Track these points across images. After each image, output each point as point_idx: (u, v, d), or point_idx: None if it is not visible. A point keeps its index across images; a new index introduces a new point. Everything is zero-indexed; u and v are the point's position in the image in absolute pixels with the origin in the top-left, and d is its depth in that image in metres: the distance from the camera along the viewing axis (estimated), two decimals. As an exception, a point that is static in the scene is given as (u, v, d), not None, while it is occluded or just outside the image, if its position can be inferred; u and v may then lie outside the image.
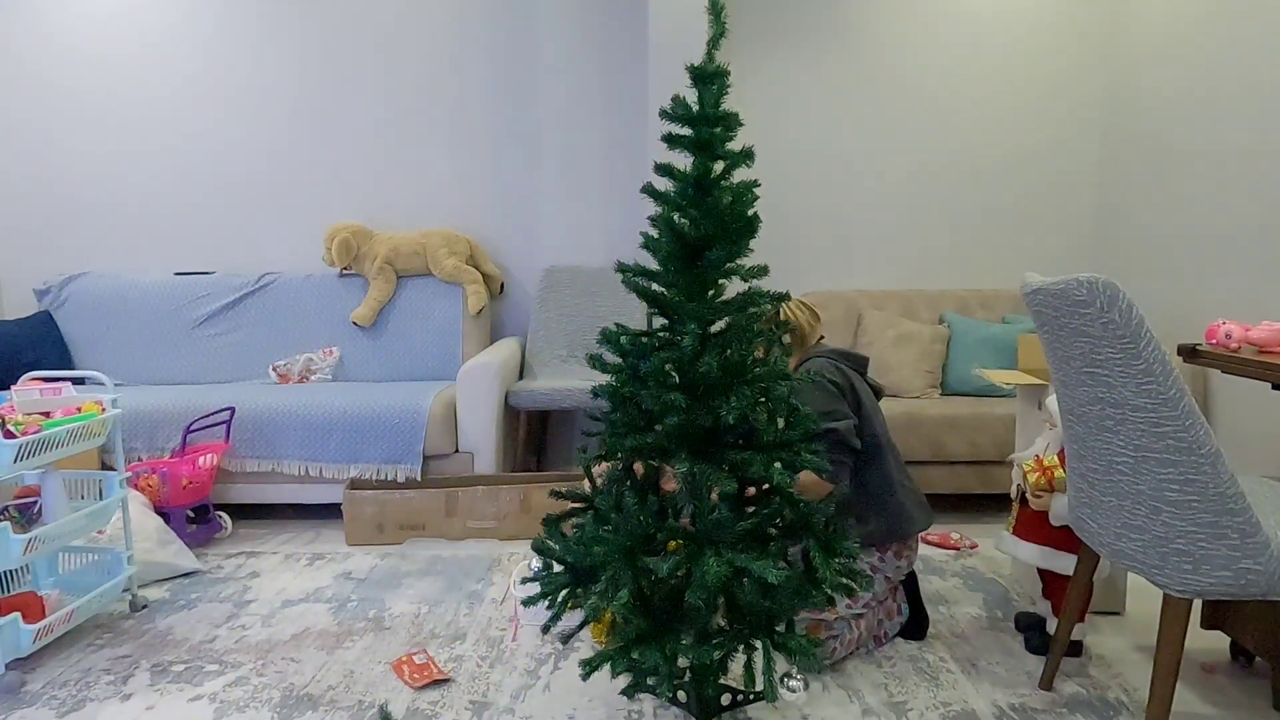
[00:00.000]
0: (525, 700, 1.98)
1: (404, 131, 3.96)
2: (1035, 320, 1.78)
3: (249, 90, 3.94)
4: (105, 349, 3.72)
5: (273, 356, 3.70)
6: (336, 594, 2.62)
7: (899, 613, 2.27)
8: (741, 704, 1.88)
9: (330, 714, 1.93)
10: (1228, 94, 3.05)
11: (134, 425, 3.13)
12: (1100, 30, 3.79)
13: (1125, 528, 1.64)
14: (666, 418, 1.64)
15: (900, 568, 2.22)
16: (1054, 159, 3.88)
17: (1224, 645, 2.18)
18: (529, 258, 4.01)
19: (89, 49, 3.92)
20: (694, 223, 1.68)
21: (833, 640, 2.10)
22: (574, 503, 1.88)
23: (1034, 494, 2.15)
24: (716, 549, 1.60)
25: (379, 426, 3.14)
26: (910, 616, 2.29)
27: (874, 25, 3.85)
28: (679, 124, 1.71)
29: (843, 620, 2.12)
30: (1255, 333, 1.97)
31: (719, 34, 1.67)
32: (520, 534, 3.07)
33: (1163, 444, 1.52)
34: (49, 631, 2.14)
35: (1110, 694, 1.99)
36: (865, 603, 2.16)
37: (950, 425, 3.14)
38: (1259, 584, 1.52)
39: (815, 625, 2.09)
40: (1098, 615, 2.39)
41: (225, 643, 2.29)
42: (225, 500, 3.21)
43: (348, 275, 3.83)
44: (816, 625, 2.09)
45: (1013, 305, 3.76)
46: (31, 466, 2.10)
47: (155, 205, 4.01)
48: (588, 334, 3.70)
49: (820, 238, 3.96)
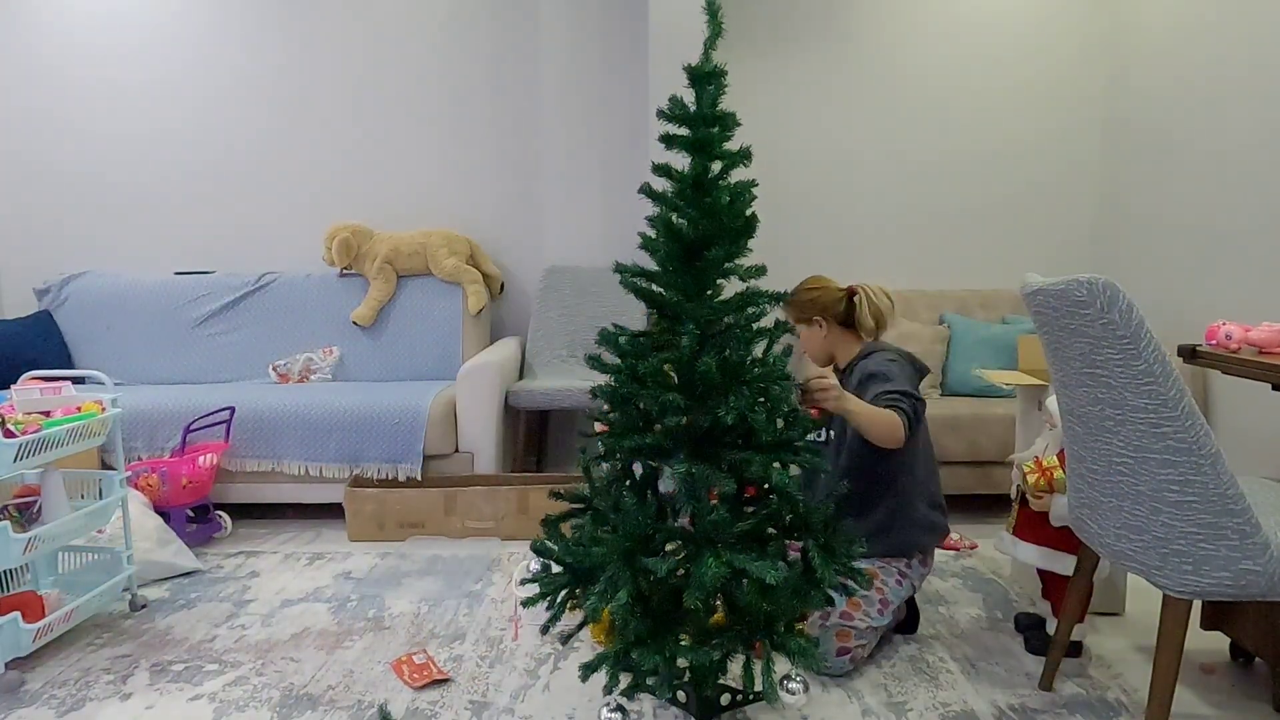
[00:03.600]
0: (525, 700, 1.98)
1: (405, 131, 3.96)
2: (1035, 321, 1.78)
3: (249, 90, 3.94)
4: (105, 349, 3.72)
5: (273, 356, 3.70)
6: (336, 594, 2.62)
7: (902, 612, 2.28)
8: (741, 704, 1.88)
9: (330, 714, 1.93)
10: (1228, 94, 3.04)
11: (134, 425, 3.13)
12: (1100, 30, 3.79)
13: (1125, 528, 1.64)
14: (665, 418, 1.64)
15: (925, 574, 2.24)
16: (1054, 159, 3.88)
17: (1224, 645, 2.17)
18: (529, 258, 4.00)
19: (89, 49, 3.92)
20: (692, 223, 1.68)
21: (860, 649, 2.08)
22: (573, 503, 1.87)
23: (1033, 495, 2.15)
24: (715, 549, 1.60)
25: (379, 426, 3.14)
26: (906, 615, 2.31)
27: (874, 25, 3.85)
28: (676, 124, 1.70)
29: (872, 629, 2.10)
30: (1255, 333, 1.97)
31: (716, 34, 1.67)
32: (520, 534, 3.07)
33: (1162, 445, 1.52)
34: (49, 631, 2.14)
35: (1110, 694, 1.99)
36: (895, 607, 2.16)
37: (950, 425, 3.13)
38: (1259, 585, 1.52)
39: (845, 632, 2.06)
40: (1098, 616, 2.39)
41: (225, 642, 2.29)
42: (225, 500, 3.21)
43: (348, 275, 3.83)
44: (846, 632, 2.06)
45: (1013, 305, 3.76)
46: (31, 466, 2.10)
47: (155, 204, 4.01)
48: (588, 334, 3.70)
49: (819, 238, 3.96)
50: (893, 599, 2.14)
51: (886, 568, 2.16)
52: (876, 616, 2.10)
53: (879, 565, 2.15)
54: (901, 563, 2.19)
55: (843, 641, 2.05)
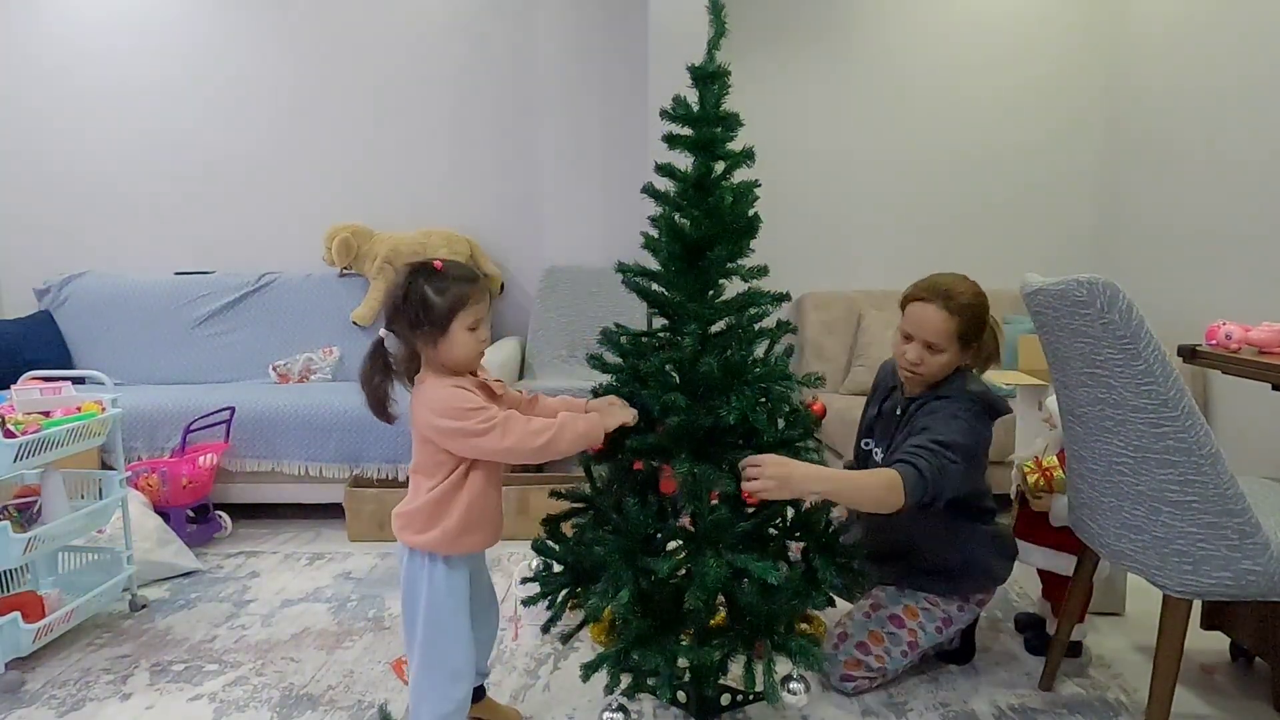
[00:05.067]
0: (525, 700, 1.98)
1: (405, 131, 3.96)
2: (1035, 321, 1.78)
3: (249, 89, 3.94)
4: (105, 349, 3.72)
5: (273, 356, 3.69)
6: (336, 594, 2.62)
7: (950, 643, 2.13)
8: (741, 704, 1.88)
9: (330, 714, 1.93)
10: (1229, 94, 3.05)
11: (134, 425, 3.12)
12: (1100, 30, 3.79)
13: (1125, 528, 1.64)
14: (667, 418, 1.64)
15: (969, 620, 2.08)
16: (1054, 159, 3.88)
17: (1224, 645, 2.17)
18: (529, 258, 4.00)
19: (90, 50, 3.91)
20: (695, 223, 1.68)
21: (866, 682, 1.98)
22: (574, 503, 1.87)
23: (1033, 495, 2.15)
24: (716, 550, 1.60)
25: (379, 426, 3.09)
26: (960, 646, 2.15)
27: (875, 25, 3.85)
28: (679, 124, 1.71)
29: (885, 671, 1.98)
30: (1255, 333, 1.97)
31: (719, 34, 1.67)
32: (520, 534, 3.06)
33: (1162, 445, 1.52)
34: (49, 631, 2.14)
35: (1110, 694, 1.99)
36: (921, 653, 2.03)
37: (950, 425, 3.13)
38: (1259, 584, 1.52)
39: (855, 663, 1.97)
40: (1098, 616, 2.38)
41: (225, 642, 2.29)
42: (225, 500, 3.20)
43: (348, 275, 3.82)
44: (856, 663, 1.97)
45: (1013, 305, 3.75)
46: (31, 466, 2.10)
47: (155, 205, 4.00)
48: (588, 334, 3.69)
49: (821, 238, 3.96)
50: (923, 644, 2.00)
51: (931, 611, 2.01)
52: (898, 658, 1.98)
53: (924, 606, 2.01)
54: (954, 606, 2.02)
55: (850, 670, 1.96)
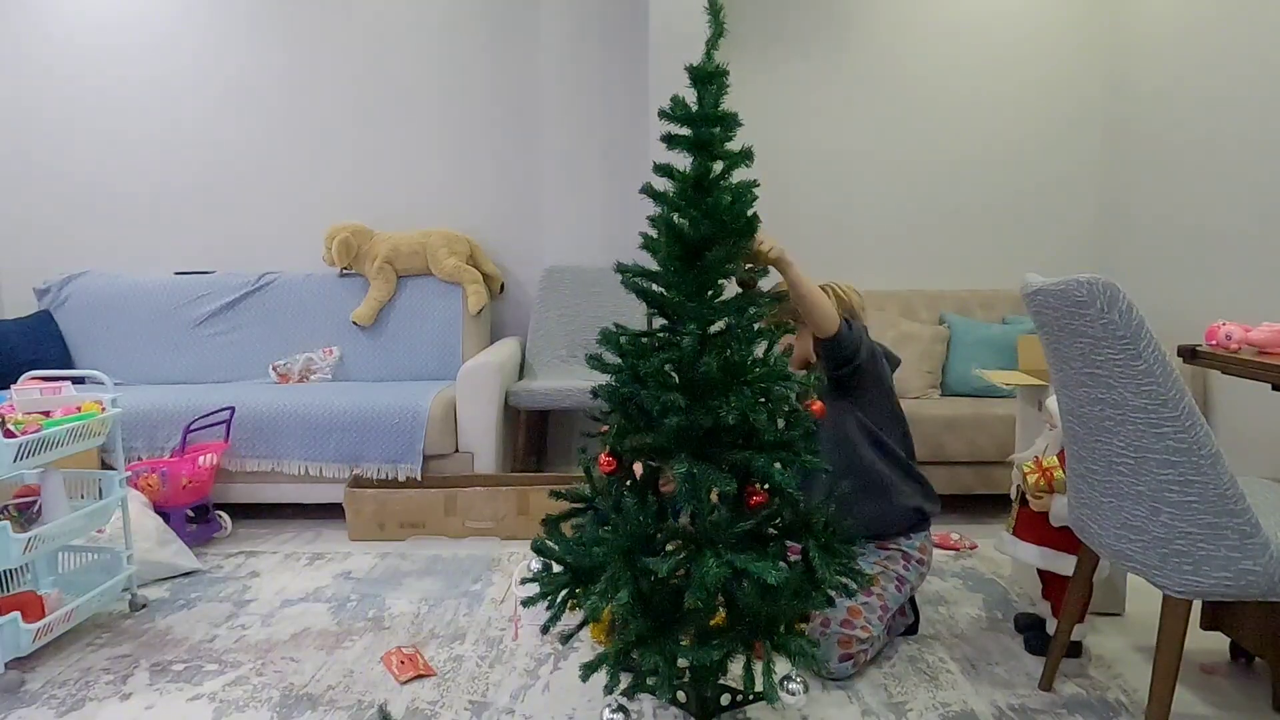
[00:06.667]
0: (525, 700, 1.98)
1: (404, 131, 3.96)
2: (1035, 321, 1.78)
3: (249, 89, 3.94)
4: (105, 349, 3.72)
5: (273, 356, 3.70)
6: (336, 593, 2.62)
7: (905, 613, 2.27)
8: (741, 704, 1.88)
9: (330, 714, 1.93)
10: (1229, 94, 3.04)
11: (134, 425, 3.13)
12: (1100, 30, 3.79)
13: (1125, 528, 1.64)
14: (666, 418, 1.64)
15: (923, 574, 2.24)
16: (1054, 159, 3.88)
17: (1224, 645, 2.17)
18: (529, 258, 4.00)
19: (90, 50, 3.92)
20: (693, 223, 1.68)
21: (863, 654, 2.07)
22: (574, 503, 1.87)
23: (1033, 495, 2.15)
24: (716, 550, 1.60)
25: (379, 426, 3.14)
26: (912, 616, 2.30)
27: (874, 25, 3.85)
28: (678, 124, 1.70)
29: (873, 638, 2.09)
30: (1255, 334, 1.97)
31: (718, 33, 1.67)
32: (520, 534, 3.07)
33: (1163, 445, 1.52)
34: (48, 631, 2.14)
35: (1110, 695, 1.99)
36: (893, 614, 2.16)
37: (950, 426, 3.13)
38: (1259, 585, 1.52)
39: (847, 639, 2.05)
40: (1097, 616, 2.39)
41: (225, 642, 2.29)
42: (225, 500, 3.21)
43: (348, 275, 3.83)
44: (848, 639, 2.05)
45: (1013, 305, 3.76)
46: (31, 466, 2.10)
47: (155, 204, 4.01)
48: (588, 334, 3.70)
49: (820, 238, 3.96)
50: (891, 605, 2.13)
51: (886, 572, 2.16)
52: (876, 624, 2.09)
53: (878, 570, 2.16)
54: (900, 565, 2.19)
55: (845, 648, 2.04)
